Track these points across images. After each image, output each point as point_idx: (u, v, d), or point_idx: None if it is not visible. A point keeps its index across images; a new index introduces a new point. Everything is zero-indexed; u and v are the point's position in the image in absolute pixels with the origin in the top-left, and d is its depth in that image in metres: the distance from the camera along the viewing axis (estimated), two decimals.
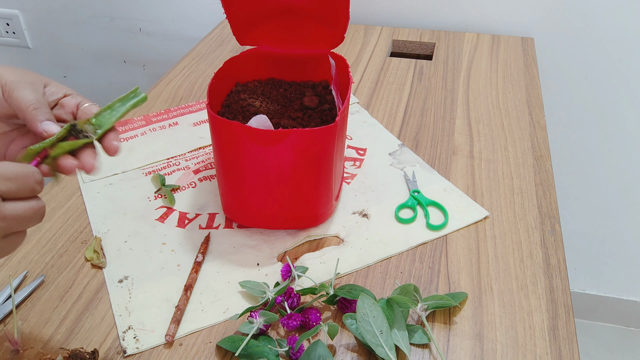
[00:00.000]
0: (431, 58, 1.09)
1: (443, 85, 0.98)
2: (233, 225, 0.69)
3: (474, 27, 1.20)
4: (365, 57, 1.09)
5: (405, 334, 0.52)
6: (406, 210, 0.70)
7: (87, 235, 0.68)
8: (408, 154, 0.80)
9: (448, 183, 0.74)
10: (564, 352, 0.53)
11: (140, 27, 1.42)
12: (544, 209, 0.70)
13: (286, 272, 0.60)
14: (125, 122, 0.88)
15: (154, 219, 0.70)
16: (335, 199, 0.68)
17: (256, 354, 0.51)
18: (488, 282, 0.60)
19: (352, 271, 0.62)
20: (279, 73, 0.77)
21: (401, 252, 0.64)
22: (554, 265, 0.62)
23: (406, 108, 0.92)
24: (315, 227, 0.68)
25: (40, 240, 0.67)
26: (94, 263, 0.63)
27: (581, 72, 1.18)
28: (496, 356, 0.53)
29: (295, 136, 0.57)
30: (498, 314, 0.57)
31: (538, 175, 0.76)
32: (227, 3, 0.68)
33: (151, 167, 0.79)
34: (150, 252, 0.65)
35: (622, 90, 1.18)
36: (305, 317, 0.55)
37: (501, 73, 1.02)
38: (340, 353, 0.53)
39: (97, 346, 0.54)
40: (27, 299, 0.59)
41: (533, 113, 0.90)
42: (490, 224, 0.68)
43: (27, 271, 0.63)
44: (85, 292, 0.60)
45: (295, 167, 0.60)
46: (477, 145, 0.82)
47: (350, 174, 0.76)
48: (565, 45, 1.16)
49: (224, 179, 0.64)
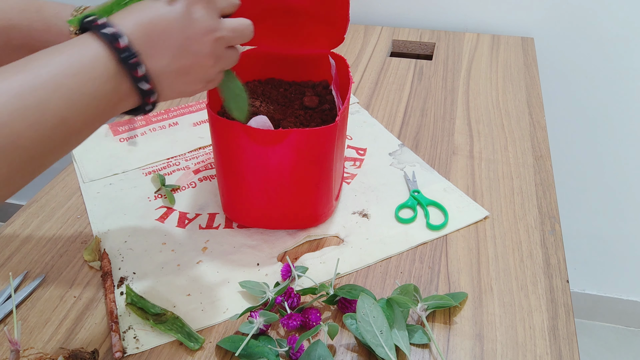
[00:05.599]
0: (431, 58, 1.09)
1: (443, 85, 0.98)
2: (233, 225, 0.69)
3: (474, 27, 1.20)
4: (365, 57, 1.09)
5: (405, 334, 0.52)
6: (406, 210, 0.70)
7: (87, 235, 0.68)
8: (408, 154, 0.80)
9: (448, 183, 0.74)
10: (564, 352, 0.53)
11: None
12: (544, 209, 0.70)
13: (286, 272, 0.60)
14: (126, 122, 0.88)
15: (154, 219, 0.70)
16: (335, 199, 0.68)
17: (256, 354, 0.51)
18: (488, 282, 0.60)
19: (352, 271, 0.62)
20: (279, 73, 0.77)
21: (401, 252, 0.64)
22: (554, 265, 0.62)
23: (406, 108, 0.92)
24: (315, 227, 0.68)
25: (40, 240, 0.67)
26: (91, 265, 0.63)
27: (581, 72, 1.18)
28: (496, 356, 0.53)
29: (295, 136, 0.57)
30: (498, 314, 0.57)
31: (538, 175, 0.76)
32: None
33: (151, 167, 0.79)
34: (150, 252, 0.65)
35: (622, 90, 1.18)
36: (305, 317, 0.55)
37: (501, 73, 1.02)
38: (340, 353, 0.53)
39: (97, 346, 0.54)
40: (27, 299, 0.59)
41: (533, 113, 0.90)
42: (490, 224, 0.68)
43: (27, 271, 0.63)
44: (85, 292, 0.60)
45: (295, 167, 0.60)
46: (477, 145, 0.82)
47: (350, 174, 0.76)
48: (565, 45, 1.16)
49: (224, 179, 0.64)
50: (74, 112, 0.39)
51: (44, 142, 0.38)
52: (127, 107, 0.44)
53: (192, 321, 0.56)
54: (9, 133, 0.36)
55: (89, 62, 0.40)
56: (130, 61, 0.41)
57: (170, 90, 0.45)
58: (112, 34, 0.40)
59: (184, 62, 0.44)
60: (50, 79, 0.38)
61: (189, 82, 0.46)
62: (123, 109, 0.44)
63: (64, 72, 0.39)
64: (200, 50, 0.44)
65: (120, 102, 0.43)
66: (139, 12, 0.42)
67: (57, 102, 0.38)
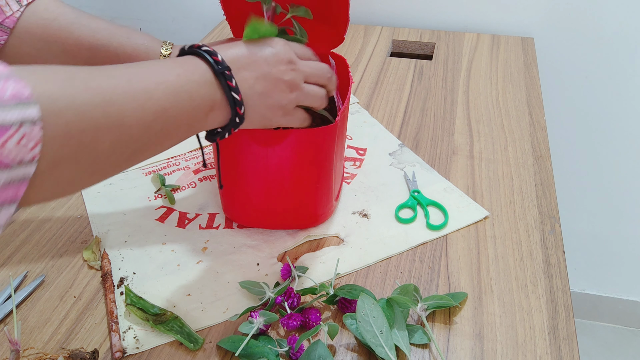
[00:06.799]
0: (431, 58, 1.09)
1: (443, 85, 0.98)
2: (233, 225, 0.69)
3: (474, 27, 1.20)
4: (365, 57, 1.09)
5: (405, 334, 0.52)
6: (406, 210, 0.70)
7: (87, 235, 0.68)
8: (408, 154, 0.80)
9: (448, 183, 0.74)
10: (564, 352, 0.53)
11: (141, 27, 1.42)
12: (544, 209, 0.70)
13: (286, 272, 0.60)
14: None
15: (154, 219, 0.70)
16: (335, 199, 0.68)
17: (256, 354, 0.51)
18: (488, 282, 0.60)
19: (352, 271, 0.62)
20: None
21: (401, 252, 0.64)
22: (554, 265, 0.62)
23: (406, 108, 0.92)
24: (315, 227, 0.68)
25: (40, 240, 0.67)
26: (91, 264, 0.63)
27: (581, 72, 1.18)
28: (496, 356, 0.53)
29: (295, 136, 0.57)
30: (498, 314, 0.57)
31: (538, 175, 0.76)
32: (227, 4, 0.68)
33: (151, 167, 0.79)
34: (150, 252, 0.65)
35: (622, 90, 1.18)
36: (305, 317, 0.54)
37: (501, 73, 1.02)
38: (340, 353, 0.53)
39: (97, 346, 0.54)
40: (27, 299, 0.59)
41: (533, 113, 0.90)
42: (490, 224, 0.68)
43: (27, 271, 0.63)
44: (85, 292, 0.60)
45: (295, 167, 0.60)
46: (477, 145, 0.82)
47: (350, 174, 0.76)
48: (565, 45, 1.16)
49: (224, 179, 0.64)
50: (173, 105, 0.44)
51: (146, 126, 0.42)
52: (218, 121, 0.49)
53: (192, 321, 0.56)
54: (118, 111, 0.40)
55: (190, 68, 0.46)
56: (224, 72, 0.47)
57: (254, 109, 0.51)
58: (209, 51, 0.48)
59: (266, 84, 0.50)
60: (156, 73, 0.44)
61: (270, 106, 0.52)
62: (214, 121, 0.49)
63: (168, 71, 0.45)
64: (280, 76, 0.51)
65: (212, 111, 0.48)
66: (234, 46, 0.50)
67: (160, 93, 0.43)
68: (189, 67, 0.46)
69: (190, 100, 0.45)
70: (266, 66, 0.50)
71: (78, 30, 0.61)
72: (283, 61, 0.52)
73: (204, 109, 0.47)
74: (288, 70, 0.52)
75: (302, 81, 0.54)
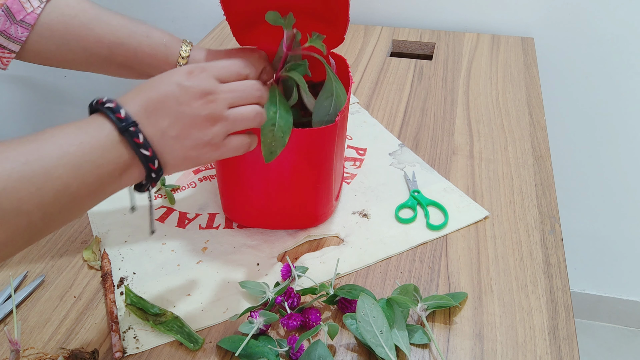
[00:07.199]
0: (431, 58, 1.09)
1: (443, 85, 0.98)
2: (233, 225, 0.69)
3: (474, 27, 1.20)
4: (365, 57, 1.09)
5: (405, 334, 0.52)
6: (406, 210, 0.70)
7: (87, 235, 0.68)
8: (408, 154, 0.80)
9: (448, 183, 0.74)
10: (564, 352, 0.53)
11: None
12: (544, 209, 0.70)
13: (286, 272, 0.60)
14: None
15: (154, 219, 0.70)
16: (335, 199, 0.68)
17: (256, 354, 0.51)
18: (488, 282, 0.60)
19: (352, 271, 0.62)
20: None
21: (401, 252, 0.64)
22: (554, 265, 0.62)
23: (406, 108, 0.92)
24: (315, 227, 0.68)
25: (40, 240, 0.67)
26: (91, 264, 0.63)
27: (581, 72, 1.18)
28: (496, 356, 0.53)
29: (295, 136, 0.57)
30: (498, 314, 0.57)
31: (538, 175, 0.76)
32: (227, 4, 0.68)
33: None
34: (150, 252, 0.65)
35: (622, 90, 1.18)
36: (305, 317, 0.55)
37: (501, 73, 1.02)
38: (340, 353, 0.53)
39: (97, 346, 0.54)
40: (27, 299, 0.59)
41: (533, 113, 0.90)
42: (490, 224, 0.68)
43: (27, 271, 0.63)
44: (85, 292, 0.60)
45: (295, 167, 0.60)
46: (477, 145, 0.82)
47: (350, 174, 0.76)
48: (565, 45, 1.16)
49: (223, 179, 0.64)
50: (77, 180, 0.41)
51: (45, 209, 0.40)
52: (133, 179, 0.46)
53: (192, 321, 0.56)
54: (13, 198, 0.38)
55: (93, 132, 0.43)
56: (129, 129, 0.43)
57: (173, 156, 0.46)
58: (112, 108, 0.44)
59: (180, 126, 0.46)
60: (57, 146, 0.40)
61: (192, 147, 0.47)
62: (129, 181, 0.46)
63: (70, 141, 0.41)
64: (195, 113, 0.46)
65: (124, 172, 0.44)
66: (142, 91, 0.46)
67: (61, 170, 0.40)
68: (94, 130, 0.43)
69: (96, 169, 0.42)
70: (177, 106, 0.45)
71: (98, 27, 0.60)
72: (196, 95, 0.46)
73: (115, 172, 0.43)
74: (204, 104, 0.46)
75: (225, 109, 0.48)
